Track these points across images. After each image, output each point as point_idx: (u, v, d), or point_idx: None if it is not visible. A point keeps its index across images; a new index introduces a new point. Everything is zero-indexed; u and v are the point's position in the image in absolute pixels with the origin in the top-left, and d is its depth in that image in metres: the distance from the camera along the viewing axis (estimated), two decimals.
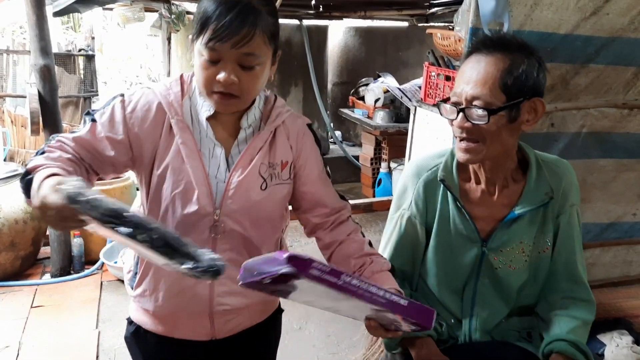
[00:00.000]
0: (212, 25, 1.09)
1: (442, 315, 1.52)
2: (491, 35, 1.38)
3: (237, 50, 1.11)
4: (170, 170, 1.21)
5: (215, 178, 1.23)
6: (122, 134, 1.21)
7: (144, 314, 1.35)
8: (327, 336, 2.93)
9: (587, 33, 2.06)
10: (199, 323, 1.32)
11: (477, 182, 1.46)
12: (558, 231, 1.46)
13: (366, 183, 5.62)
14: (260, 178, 1.25)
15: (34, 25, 3.21)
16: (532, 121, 1.34)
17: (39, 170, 1.07)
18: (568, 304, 1.45)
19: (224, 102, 1.17)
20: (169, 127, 1.22)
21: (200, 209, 1.21)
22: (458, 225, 1.45)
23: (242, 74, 1.14)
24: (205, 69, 1.14)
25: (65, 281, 3.50)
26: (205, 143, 1.24)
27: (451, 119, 1.36)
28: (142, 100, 1.22)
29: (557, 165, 1.47)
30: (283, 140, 1.30)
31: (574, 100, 2.18)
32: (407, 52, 6.86)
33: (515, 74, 1.27)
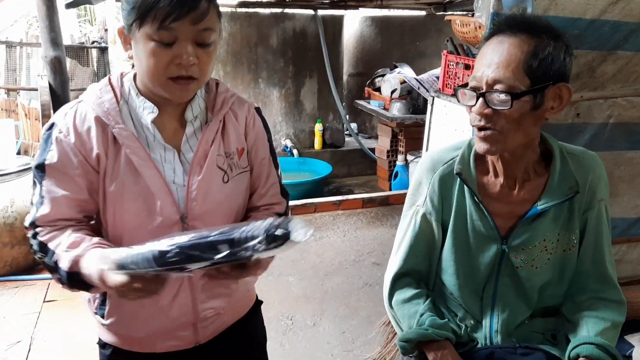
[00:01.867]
0: (164, 2, 1.00)
1: (461, 317, 1.44)
2: (515, 16, 1.28)
3: (195, 26, 1.03)
4: (125, 185, 1.12)
5: (174, 183, 1.16)
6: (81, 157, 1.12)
7: (121, 337, 1.27)
8: (341, 333, 2.87)
9: (615, 18, 1.97)
10: (182, 333, 1.26)
11: (495, 176, 1.37)
12: (585, 228, 1.37)
13: (382, 176, 5.53)
14: (220, 171, 1.19)
15: (44, 16, 3.18)
16: (557, 108, 1.25)
17: (79, 261, 1.04)
18: (597, 304, 1.37)
19: (184, 88, 1.09)
20: (113, 138, 1.12)
21: (166, 219, 1.14)
22: (476, 222, 1.37)
23: (200, 52, 1.07)
24: (156, 55, 1.04)
25: None
26: (155, 148, 1.16)
27: (470, 105, 1.26)
28: (77, 118, 1.12)
29: (584, 158, 1.37)
30: (234, 127, 1.24)
31: (601, 89, 2.08)
32: (425, 41, 6.74)
33: (540, 56, 1.18)
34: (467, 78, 2.40)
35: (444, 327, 1.38)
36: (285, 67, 5.95)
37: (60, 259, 1.06)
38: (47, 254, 1.08)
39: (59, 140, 1.10)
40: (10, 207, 3.34)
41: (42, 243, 1.09)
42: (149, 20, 1.02)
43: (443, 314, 1.46)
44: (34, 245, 1.11)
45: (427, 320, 1.38)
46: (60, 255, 1.06)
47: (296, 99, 6.12)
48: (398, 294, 1.47)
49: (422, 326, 1.37)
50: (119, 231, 1.15)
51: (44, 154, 1.11)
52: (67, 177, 1.11)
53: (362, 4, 5.75)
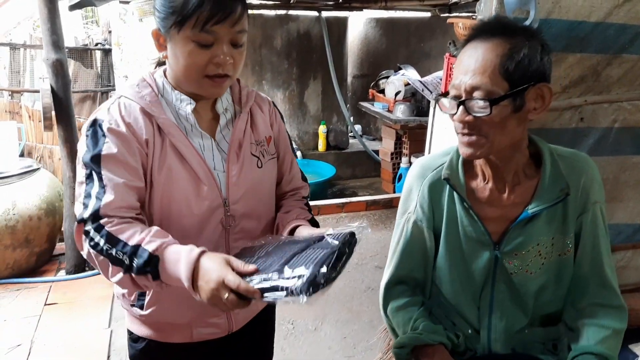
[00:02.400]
0: (206, 7, 1.07)
1: (458, 326, 1.42)
2: (488, 20, 1.26)
3: (232, 28, 1.11)
4: (173, 171, 1.18)
5: (215, 169, 1.23)
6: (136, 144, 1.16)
7: (158, 328, 1.31)
8: (342, 338, 2.85)
9: (620, 21, 1.93)
10: (218, 320, 1.32)
11: (484, 180, 1.35)
12: (580, 232, 1.34)
13: (386, 178, 5.51)
14: (254, 157, 1.29)
15: (45, 19, 3.17)
16: (540, 109, 1.23)
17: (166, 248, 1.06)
18: (596, 311, 1.34)
19: (219, 85, 1.17)
20: (158, 128, 1.19)
21: (211, 203, 1.21)
22: (467, 228, 1.34)
23: (234, 52, 1.15)
24: (195, 55, 1.12)
25: (79, 278, 3.47)
26: (193, 137, 1.23)
27: (452, 114, 1.25)
28: (123, 111, 1.17)
29: (575, 160, 1.34)
30: (260, 117, 1.34)
31: (606, 93, 2.04)
32: (430, 43, 6.70)
33: (516, 58, 1.16)
34: None
35: (438, 332, 1.37)
36: (290, 68, 5.94)
37: (144, 241, 1.06)
38: (117, 245, 1.06)
39: (113, 131, 1.14)
40: (12, 210, 3.34)
41: (111, 234, 1.07)
42: (189, 23, 1.09)
43: (440, 321, 1.43)
44: (96, 238, 1.08)
45: (421, 325, 1.37)
46: (143, 238, 1.06)
47: (300, 100, 6.10)
48: (393, 301, 1.46)
49: (416, 331, 1.36)
50: (166, 216, 1.20)
51: (98, 146, 1.13)
52: (126, 165, 1.14)
53: (367, 5, 5.73)
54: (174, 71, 1.20)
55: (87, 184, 1.13)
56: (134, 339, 1.35)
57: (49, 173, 3.85)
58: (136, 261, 1.05)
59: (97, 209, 1.09)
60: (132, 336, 1.35)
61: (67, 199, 3.45)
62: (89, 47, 5.31)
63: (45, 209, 3.50)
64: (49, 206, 3.54)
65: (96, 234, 1.08)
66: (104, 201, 1.10)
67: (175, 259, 1.03)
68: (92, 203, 1.10)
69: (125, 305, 1.32)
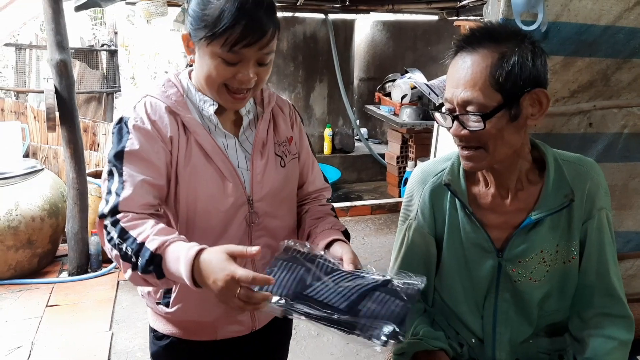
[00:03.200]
0: (237, 29, 1.07)
1: (462, 335, 1.38)
2: (474, 29, 1.22)
3: (260, 51, 1.12)
4: (198, 169, 1.20)
5: (239, 168, 1.24)
6: (160, 142, 1.17)
7: (183, 325, 1.32)
8: (345, 344, 2.81)
9: (630, 25, 1.89)
10: (242, 318, 1.33)
11: (486, 186, 1.32)
12: (586, 239, 1.30)
13: (392, 182, 5.47)
14: (277, 157, 1.31)
15: (50, 19, 3.16)
16: (538, 114, 1.19)
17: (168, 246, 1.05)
18: (603, 321, 1.30)
19: (239, 100, 1.19)
20: (183, 126, 1.20)
21: (236, 200, 1.22)
22: (469, 235, 1.31)
23: (259, 69, 1.16)
24: (220, 70, 1.13)
25: (81, 280, 3.46)
26: (217, 136, 1.24)
27: (447, 128, 1.22)
28: (149, 109, 1.19)
29: (581, 165, 1.30)
30: (281, 118, 1.35)
31: (615, 98, 2.01)
32: (437, 47, 6.67)
33: (506, 67, 1.12)
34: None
35: (439, 338, 1.34)
36: (295, 71, 5.92)
37: (147, 240, 1.06)
38: (127, 241, 1.07)
39: (138, 128, 1.15)
40: (15, 211, 3.33)
41: (124, 229, 1.08)
42: (219, 41, 1.10)
43: (442, 329, 1.40)
44: (111, 232, 1.09)
45: (422, 331, 1.34)
46: (148, 237, 1.06)
47: (306, 103, 6.07)
48: None
49: (417, 337, 1.34)
50: (192, 213, 1.21)
51: (122, 143, 1.15)
52: (148, 162, 1.14)
53: (374, 8, 5.71)
54: (198, 76, 1.21)
55: (109, 180, 1.14)
56: (157, 337, 1.36)
57: (52, 174, 3.84)
58: (140, 260, 1.05)
59: (116, 204, 1.10)
60: (155, 334, 1.36)
61: (70, 200, 3.44)
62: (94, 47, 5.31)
63: (48, 210, 3.49)
64: (52, 207, 3.53)
65: (112, 228, 1.09)
66: (122, 197, 1.11)
67: (176, 258, 1.03)
68: (112, 199, 1.11)
69: (150, 303, 1.33)
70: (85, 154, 3.61)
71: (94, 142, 5.01)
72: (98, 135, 5.03)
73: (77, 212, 3.45)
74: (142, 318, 3.06)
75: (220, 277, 0.96)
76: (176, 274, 1.03)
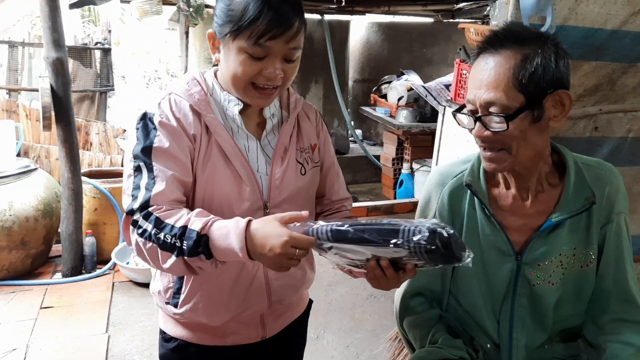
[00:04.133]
0: (262, 22, 1.06)
1: (477, 340, 1.37)
2: (497, 31, 1.23)
3: (287, 45, 1.11)
4: (217, 170, 1.18)
5: (258, 172, 1.22)
6: (186, 139, 1.16)
7: (192, 328, 1.30)
8: (345, 347, 2.80)
9: (637, 29, 1.90)
10: (251, 325, 1.31)
11: (507, 188, 1.31)
12: (604, 243, 1.29)
13: (387, 184, 5.47)
14: (298, 164, 1.28)
15: (47, 16, 3.12)
16: (561, 116, 1.19)
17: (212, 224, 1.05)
18: (619, 327, 1.29)
19: (266, 97, 1.17)
20: (205, 126, 1.18)
21: (252, 204, 1.20)
22: (488, 237, 1.30)
23: (286, 66, 1.14)
24: (246, 65, 1.12)
25: (76, 281, 3.41)
26: (239, 138, 1.22)
27: (469, 129, 1.22)
28: (174, 106, 1.17)
29: (600, 169, 1.31)
30: (306, 124, 1.33)
31: (621, 102, 2.01)
32: (432, 49, 6.68)
33: (530, 69, 1.12)
34: None
35: (458, 346, 1.32)
36: None
37: (189, 222, 1.05)
38: (165, 229, 1.06)
39: (164, 125, 1.14)
40: (9, 211, 3.27)
41: (159, 219, 1.07)
42: (244, 35, 1.09)
43: (458, 335, 1.38)
44: (144, 225, 1.07)
45: (440, 339, 1.32)
46: (189, 220, 1.05)
47: None
48: (410, 314, 1.41)
49: (435, 344, 1.32)
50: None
51: (150, 138, 1.13)
52: (176, 159, 1.13)
53: (369, 9, 5.71)
54: (224, 75, 1.20)
55: (136, 176, 1.12)
56: (166, 338, 1.34)
57: (46, 173, 3.78)
58: (186, 243, 1.04)
59: (147, 199, 1.09)
60: (164, 336, 1.34)
61: (64, 200, 3.39)
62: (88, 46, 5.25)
63: (42, 210, 3.44)
64: (46, 207, 3.48)
65: (144, 222, 1.07)
66: (154, 191, 1.09)
67: (225, 234, 1.02)
68: (142, 194, 1.10)
69: (160, 302, 1.31)
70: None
71: (87, 141, 4.95)
72: (91, 134, 4.97)
73: (71, 212, 3.40)
74: (139, 320, 3.02)
75: (277, 244, 0.98)
76: (227, 250, 1.02)
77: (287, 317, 1.39)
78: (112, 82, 5.36)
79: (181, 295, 1.25)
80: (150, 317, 3.04)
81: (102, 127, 4.95)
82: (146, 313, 3.09)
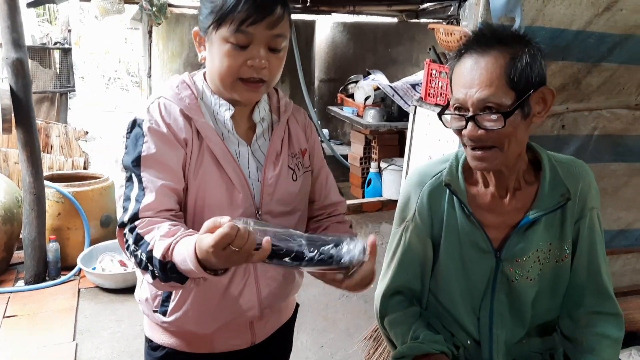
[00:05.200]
0: (243, 7, 1.06)
1: (457, 336, 1.39)
2: (483, 31, 1.26)
3: (270, 31, 1.09)
4: (208, 176, 1.16)
5: (250, 178, 1.21)
6: (176, 144, 1.13)
7: (180, 336, 1.28)
8: (320, 347, 2.80)
9: (600, 30, 1.95)
10: (241, 332, 1.30)
11: (485, 186, 1.33)
12: (578, 238, 1.33)
13: (355, 183, 5.48)
14: (290, 170, 1.26)
15: (5, 16, 3.01)
16: (544, 112, 1.24)
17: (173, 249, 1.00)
18: (595, 319, 1.33)
19: (253, 90, 1.15)
20: (196, 131, 1.16)
21: (245, 211, 1.18)
22: (468, 235, 1.32)
23: (271, 56, 1.12)
24: (231, 56, 1.10)
25: (40, 288, 3.31)
26: (230, 143, 1.20)
27: (459, 129, 1.23)
28: (163, 111, 1.15)
29: (573, 166, 1.35)
30: (296, 129, 1.31)
31: (586, 101, 2.07)
32: (397, 48, 6.74)
33: (519, 67, 1.16)
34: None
35: (439, 341, 1.34)
36: None
37: (154, 247, 1.02)
38: (141, 247, 1.03)
39: (153, 131, 1.12)
40: None
41: (139, 236, 1.05)
42: (226, 23, 1.08)
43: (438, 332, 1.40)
44: (129, 240, 1.06)
45: (422, 335, 1.34)
46: (154, 244, 1.02)
47: None
48: (390, 312, 1.42)
49: (417, 340, 1.33)
50: (199, 222, 1.12)
51: (138, 148, 1.11)
52: (165, 166, 1.11)
53: (335, 9, 5.72)
54: (211, 73, 1.18)
55: (127, 187, 1.11)
56: (152, 347, 1.31)
57: (5, 178, 3.66)
58: (156, 269, 1.02)
59: (136, 211, 1.07)
60: (151, 344, 1.31)
61: (26, 205, 3.28)
62: (47, 46, 5.09)
63: (3, 215, 3.32)
64: (7, 213, 3.36)
65: (130, 235, 1.06)
66: (143, 203, 1.08)
67: (182, 260, 0.98)
68: (132, 206, 1.08)
69: (146, 310, 1.28)
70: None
71: (47, 144, 4.80)
72: (51, 137, 4.83)
73: (34, 217, 3.29)
74: (107, 327, 2.95)
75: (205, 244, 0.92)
76: (193, 274, 0.99)
77: (276, 322, 1.38)
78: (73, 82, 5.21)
79: (170, 303, 1.22)
80: (119, 324, 2.98)
81: (63, 129, 4.82)
82: (114, 319, 3.02)
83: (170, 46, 5.68)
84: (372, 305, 1.49)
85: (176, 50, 5.73)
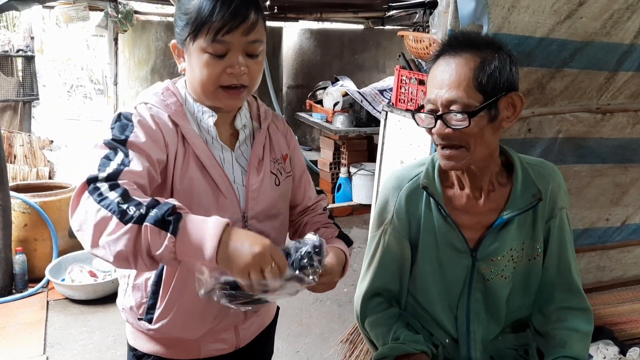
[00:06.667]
0: (217, 17, 1.07)
1: (436, 336, 1.43)
2: (456, 35, 1.32)
3: (245, 37, 1.11)
4: (194, 181, 1.17)
5: (235, 183, 1.22)
6: (162, 144, 1.13)
7: (166, 343, 1.28)
8: (295, 352, 2.81)
9: (562, 37, 2.03)
10: (226, 336, 1.31)
11: (461, 188, 1.38)
12: (549, 237, 1.39)
13: (325, 188, 5.51)
14: (273, 175, 1.29)
15: None
16: (513, 117, 1.28)
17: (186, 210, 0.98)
18: (565, 315, 1.39)
19: (235, 96, 1.16)
20: (182, 137, 1.17)
21: (232, 216, 1.17)
22: (444, 236, 1.36)
23: (249, 62, 1.14)
24: (210, 65, 1.11)
25: (6, 302, 3.22)
26: (214, 149, 1.22)
27: (429, 128, 1.28)
28: (155, 114, 1.16)
29: (543, 167, 1.41)
30: (277, 135, 1.34)
31: (550, 105, 2.15)
32: (363, 55, 6.82)
33: (488, 70, 1.21)
34: (422, 93, 2.42)
35: (419, 341, 1.37)
36: None
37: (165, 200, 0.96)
38: (130, 202, 0.94)
39: (143, 124, 1.12)
40: None
41: (128, 192, 0.96)
42: (202, 34, 1.09)
43: (417, 332, 1.43)
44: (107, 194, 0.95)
45: (402, 335, 1.37)
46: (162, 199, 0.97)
47: None
48: (370, 314, 1.45)
49: (397, 341, 1.36)
50: None
51: (126, 132, 1.09)
52: (149, 157, 1.09)
53: (302, 16, 5.75)
54: (192, 83, 1.19)
55: (109, 153, 1.04)
56: (137, 355, 1.30)
57: None
58: (154, 212, 0.93)
59: (119, 171, 1.00)
60: (135, 353, 1.30)
61: None
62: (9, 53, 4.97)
63: None
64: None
65: (109, 190, 0.96)
66: (130, 168, 1.02)
67: (202, 220, 0.95)
68: (113, 166, 1.01)
69: (131, 318, 1.27)
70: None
71: (10, 153, 4.69)
72: (15, 146, 4.71)
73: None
74: (78, 339, 2.89)
75: (260, 243, 0.96)
76: (197, 235, 0.93)
77: (259, 325, 1.40)
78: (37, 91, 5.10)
79: (156, 310, 1.22)
80: (90, 335, 2.93)
81: (27, 138, 4.71)
82: (86, 331, 2.97)
83: (137, 53, 5.63)
84: (345, 309, 1.52)
85: (143, 58, 5.67)
